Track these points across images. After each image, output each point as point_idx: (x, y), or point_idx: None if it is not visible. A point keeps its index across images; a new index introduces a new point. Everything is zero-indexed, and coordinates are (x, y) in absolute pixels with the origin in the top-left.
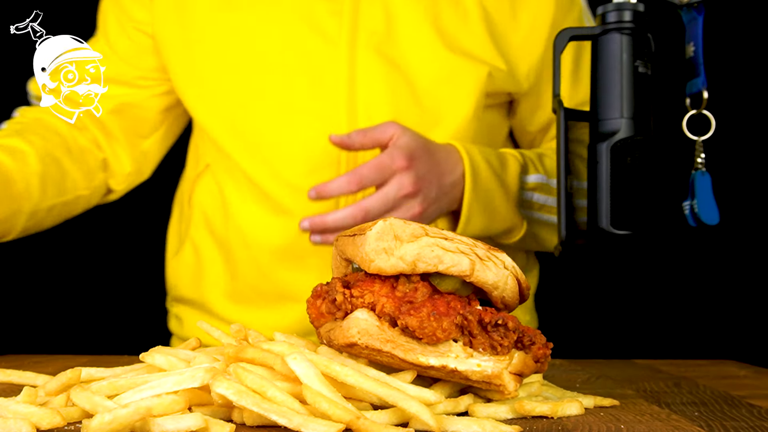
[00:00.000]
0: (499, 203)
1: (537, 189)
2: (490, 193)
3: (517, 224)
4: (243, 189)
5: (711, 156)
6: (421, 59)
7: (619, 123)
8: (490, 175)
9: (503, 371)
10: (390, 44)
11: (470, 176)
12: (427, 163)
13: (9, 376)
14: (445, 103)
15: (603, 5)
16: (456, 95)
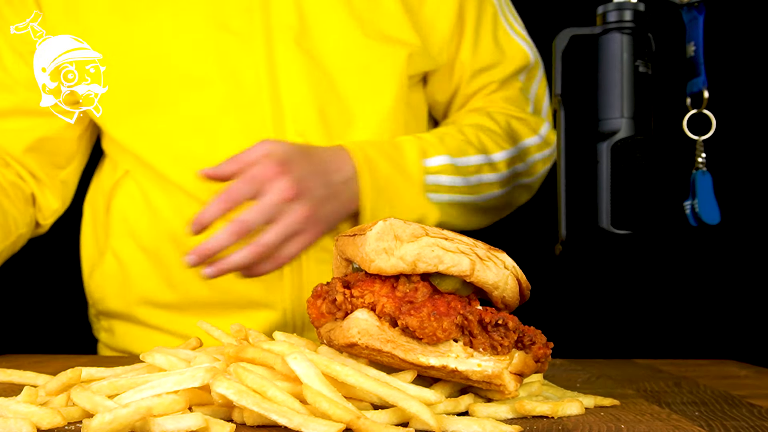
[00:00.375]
0: (403, 192)
1: (443, 171)
2: (390, 183)
3: (427, 211)
4: (172, 196)
5: (712, 156)
6: (339, 49)
7: (620, 123)
8: (388, 165)
9: (503, 371)
10: (306, 37)
11: (365, 169)
12: (305, 164)
13: (9, 376)
14: (367, 93)
15: (603, 5)
16: (378, 84)
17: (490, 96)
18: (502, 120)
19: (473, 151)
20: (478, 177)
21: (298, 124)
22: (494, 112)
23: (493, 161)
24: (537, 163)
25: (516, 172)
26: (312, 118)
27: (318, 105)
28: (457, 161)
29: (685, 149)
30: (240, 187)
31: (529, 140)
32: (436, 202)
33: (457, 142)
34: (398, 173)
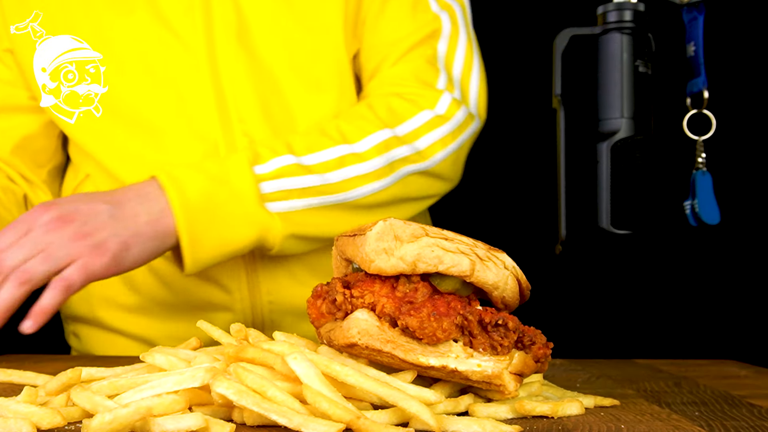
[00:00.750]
0: (231, 208)
1: (283, 173)
2: (211, 200)
3: (268, 224)
4: None
5: (712, 156)
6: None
7: (620, 123)
8: (205, 183)
9: (503, 371)
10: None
11: (175, 196)
12: (76, 200)
13: (9, 376)
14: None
15: (603, 5)
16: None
17: (392, 69)
18: (379, 102)
19: (329, 143)
20: (341, 172)
21: (243, 123)
22: (373, 95)
23: (357, 151)
24: (433, 145)
25: (395, 158)
26: (257, 117)
27: (262, 103)
28: (304, 159)
29: (685, 149)
30: (1, 236)
31: (414, 119)
32: (280, 211)
33: (308, 138)
34: (219, 187)
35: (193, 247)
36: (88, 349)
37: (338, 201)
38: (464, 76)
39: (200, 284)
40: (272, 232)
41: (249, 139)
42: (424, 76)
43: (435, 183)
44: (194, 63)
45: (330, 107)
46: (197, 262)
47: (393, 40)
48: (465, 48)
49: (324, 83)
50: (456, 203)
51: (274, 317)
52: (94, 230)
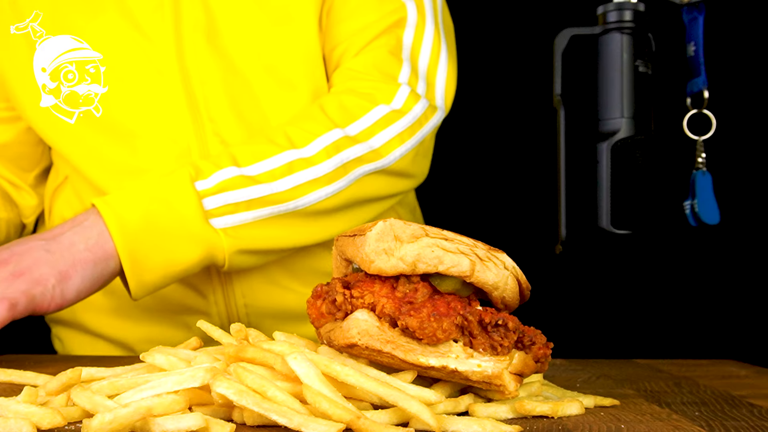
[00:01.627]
0: (173, 227)
1: (227, 187)
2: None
3: (214, 241)
4: None
5: (712, 156)
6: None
7: (620, 123)
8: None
9: (503, 371)
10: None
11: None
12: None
13: (9, 376)
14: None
15: (603, 5)
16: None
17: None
18: (331, 101)
19: (275, 149)
20: (290, 179)
21: (215, 124)
22: (325, 96)
23: (305, 155)
24: (389, 142)
25: (348, 159)
26: (229, 117)
27: (233, 103)
28: (249, 170)
29: (685, 149)
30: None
31: (367, 116)
32: (225, 226)
33: (253, 147)
34: (158, 206)
35: (135, 269)
36: (70, 352)
37: (289, 209)
38: (431, 66)
39: (177, 288)
40: (219, 249)
41: (221, 139)
42: (385, 68)
43: (396, 181)
44: (164, 64)
45: (303, 105)
46: (143, 285)
47: (356, 30)
48: (432, 37)
49: (296, 81)
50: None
51: (252, 320)
52: (31, 266)
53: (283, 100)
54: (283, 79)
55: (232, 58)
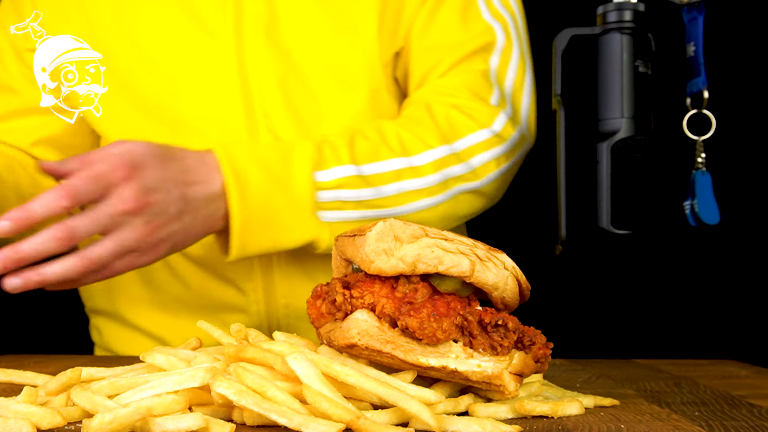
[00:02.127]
0: (285, 214)
1: (344, 184)
2: (267, 202)
3: (318, 234)
4: None
5: (711, 156)
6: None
7: (620, 123)
8: (265, 180)
9: (503, 371)
10: (276, 29)
11: (234, 186)
12: (159, 171)
13: (9, 376)
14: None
15: (603, 5)
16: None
17: (443, 79)
18: (441, 112)
19: (389, 153)
20: (397, 185)
21: (268, 119)
22: (434, 103)
23: (415, 165)
24: (486, 165)
25: (451, 176)
26: (282, 113)
27: (288, 99)
28: (364, 169)
29: (685, 149)
30: (80, 183)
31: (471, 136)
32: (331, 221)
33: (370, 145)
34: (278, 190)
35: (242, 246)
36: (109, 344)
37: (388, 215)
38: (515, 92)
39: (217, 285)
40: (321, 241)
41: (273, 135)
42: (478, 90)
43: (481, 201)
44: (222, 57)
45: (360, 107)
46: (242, 257)
47: (444, 47)
48: (517, 63)
49: (354, 82)
50: None
51: (290, 321)
52: (159, 227)
53: (341, 100)
54: (342, 80)
55: (291, 56)
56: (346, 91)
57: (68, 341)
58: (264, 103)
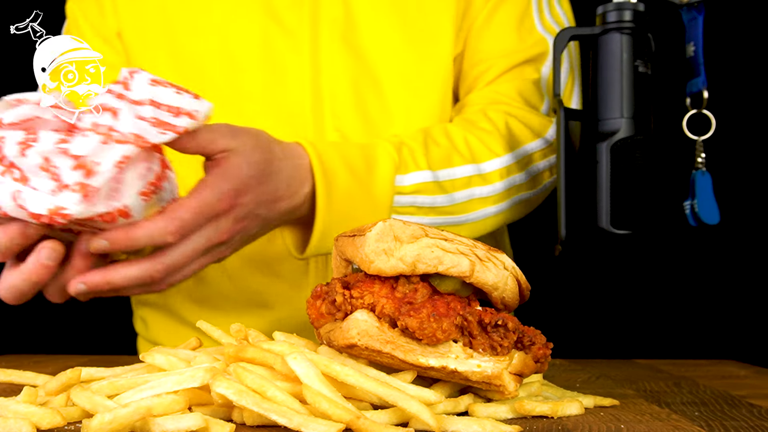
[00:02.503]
0: (364, 216)
1: (420, 191)
2: (351, 205)
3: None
4: None
5: (711, 156)
6: (384, 47)
7: (619, 123)
8: (352, 184)
9: (503, 372)
10: (352, 33)
11: (323, 191)
12: (256, 196)
13: (9, 376)
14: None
15: (603, 5)
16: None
17: (495, 85)
18: (500, 120)
19: (460, 160)
20: (468, 192)
21: (337, 119)
22: (490, 110)
23: (483, 172)
24: (541, 174)
25: (513, 184)
26: (351, 114)
27: (359, 101)
28: (439, 175)
29: (685, 149)
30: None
31: (529, 145)
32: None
33: (442, 151)
34: (361, 192)
35: (319, 245)
36: (154, 336)
37: (457, 222)
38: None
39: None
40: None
41: (341, 134)
42: (531, 99)
43: (529, 210)
44: (296, 52)
45: (430, 113)
46: (315, 254)
47: (497, 54)
48: (567, 76)
49: (427, 90)
50: None
51: None
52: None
53: (412, 106)
54: (415, 87)
55: (365, 59)
56: (417, 98)
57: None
58: (334, 102)
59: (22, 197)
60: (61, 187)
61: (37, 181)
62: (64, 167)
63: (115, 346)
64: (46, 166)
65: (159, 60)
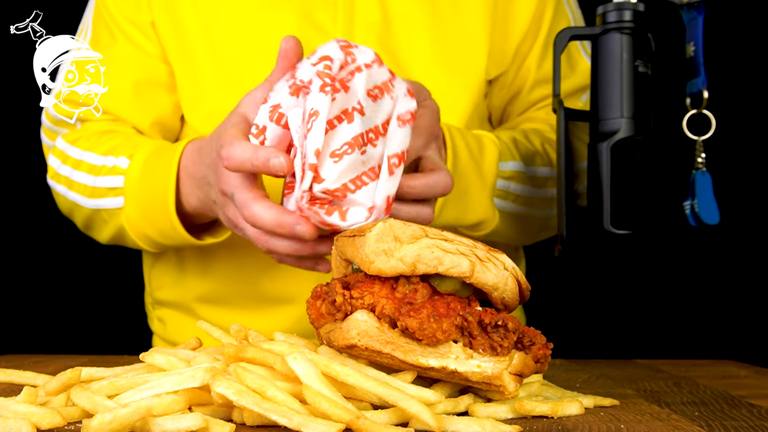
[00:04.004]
0: (475, 192)
1: (514, 178)
2: (467, 180)
3: (489, 217)
4: None
5: (711, 156)
6: (420, 52)
7: (620, 123)
8: (469, 161)
9: (503, 372)
10: (389, 36)
11: (450, 162)
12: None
13: (9, 376)
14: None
15: (603, 5)
16: (457, 89)
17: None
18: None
19: (541, 161)
20: (544, 191)
21: None
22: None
23: (554, 176)
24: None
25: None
26: None
27: None
28: (528, 170)
29: (685, 149)
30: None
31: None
32: (499, 208)
33: (527, 150)
34: (477, 171)
35: (439, 214)
36: (171, 335)
37: (531, 215)
38: None
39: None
40: (491, 221)
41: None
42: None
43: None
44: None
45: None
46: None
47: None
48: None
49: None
50: None
51: None
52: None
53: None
54: (449, 94)
55: (401, 62)
56: (453, 102)
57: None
58: None
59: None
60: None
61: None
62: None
63: (116, 346)
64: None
65: (197, 57)
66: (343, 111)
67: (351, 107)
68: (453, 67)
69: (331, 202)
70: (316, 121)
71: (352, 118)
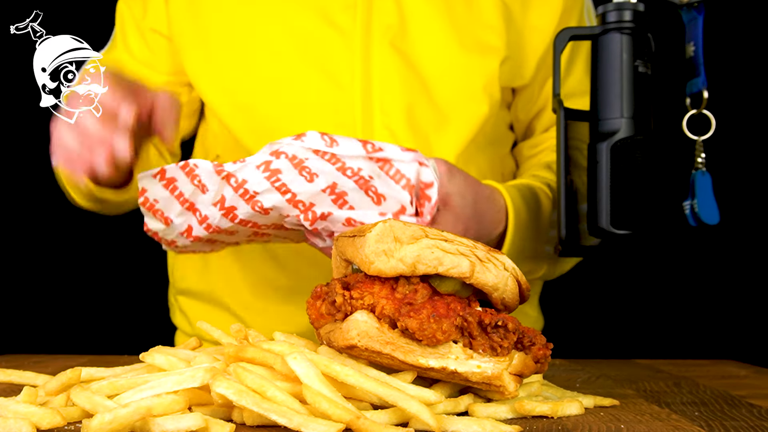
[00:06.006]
0: (529, 247)
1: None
2: (525, 240)
3: (539, 265)
4: None
5: (711, 156)
6: (435, 56)
7: (619, 123)
8: (528, 222)
9: (503, 372)
10: (404, 39)
11: (513, 230)
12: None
13: (9, 376)
14: (458, 101)
15: (603, 5)
16: (472, 92)
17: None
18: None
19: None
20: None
21: (386, 116)
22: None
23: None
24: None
25: None
26: (400, 116)
27: (407, 104)
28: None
29: (685, 149)
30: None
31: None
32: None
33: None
34: (534, 229)
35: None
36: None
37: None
38: None
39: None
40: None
41: (389, 131)
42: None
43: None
44: (347, 56)
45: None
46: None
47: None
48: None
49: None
50: None
51: None
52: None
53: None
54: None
55: (415, 65)
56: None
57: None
58: (383, 99)
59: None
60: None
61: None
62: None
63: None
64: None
65: (215, 56)
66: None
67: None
68: (468, 71)
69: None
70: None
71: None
